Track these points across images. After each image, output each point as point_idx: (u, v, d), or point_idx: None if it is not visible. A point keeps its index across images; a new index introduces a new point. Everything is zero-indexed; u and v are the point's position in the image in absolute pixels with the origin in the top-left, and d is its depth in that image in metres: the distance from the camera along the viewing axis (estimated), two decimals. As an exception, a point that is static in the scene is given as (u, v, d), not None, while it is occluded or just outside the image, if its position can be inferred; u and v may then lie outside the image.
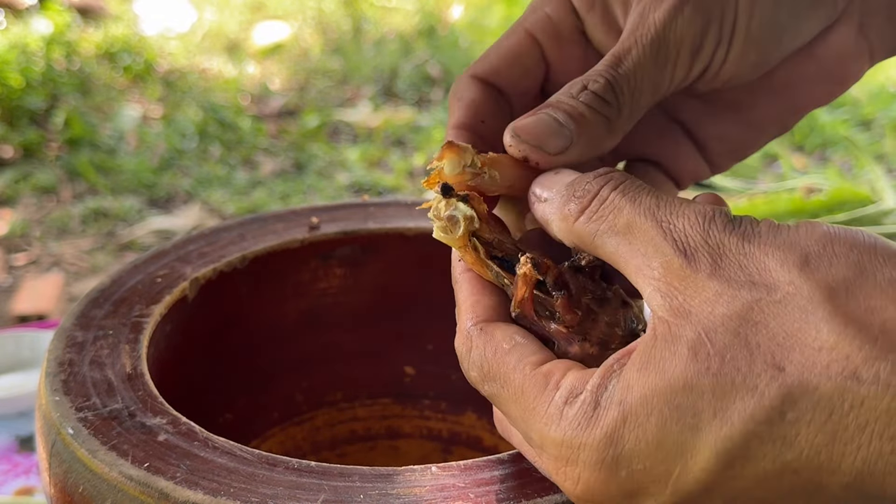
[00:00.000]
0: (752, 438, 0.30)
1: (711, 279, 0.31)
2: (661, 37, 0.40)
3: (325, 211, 0.63)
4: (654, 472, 0.31)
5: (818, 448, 0.29)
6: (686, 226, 0.33)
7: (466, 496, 0.38)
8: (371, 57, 3.31)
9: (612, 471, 0.32)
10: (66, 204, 2.38)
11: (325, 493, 0.38)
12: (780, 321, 0.30)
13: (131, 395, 0.44)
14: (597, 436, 0.32)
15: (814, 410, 0.29)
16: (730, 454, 0.30)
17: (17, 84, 2.82)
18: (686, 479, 0.31)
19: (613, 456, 0.32)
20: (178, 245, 0.58)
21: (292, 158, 2.65)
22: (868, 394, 0.28)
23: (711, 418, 0.30)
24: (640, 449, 0.31)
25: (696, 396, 0.30)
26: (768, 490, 0.30)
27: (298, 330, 0.63)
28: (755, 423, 0.30)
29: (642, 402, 0.31)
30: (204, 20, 3.64)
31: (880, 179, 1.06)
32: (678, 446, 0.31)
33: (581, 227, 0.35)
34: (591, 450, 0.32)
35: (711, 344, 0.30)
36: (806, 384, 0.29)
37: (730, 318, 0.30)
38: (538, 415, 0.33)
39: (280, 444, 0.64)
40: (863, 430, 0.29)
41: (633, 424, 0.31)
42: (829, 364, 0.29)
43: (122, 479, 0.39)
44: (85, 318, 0.51)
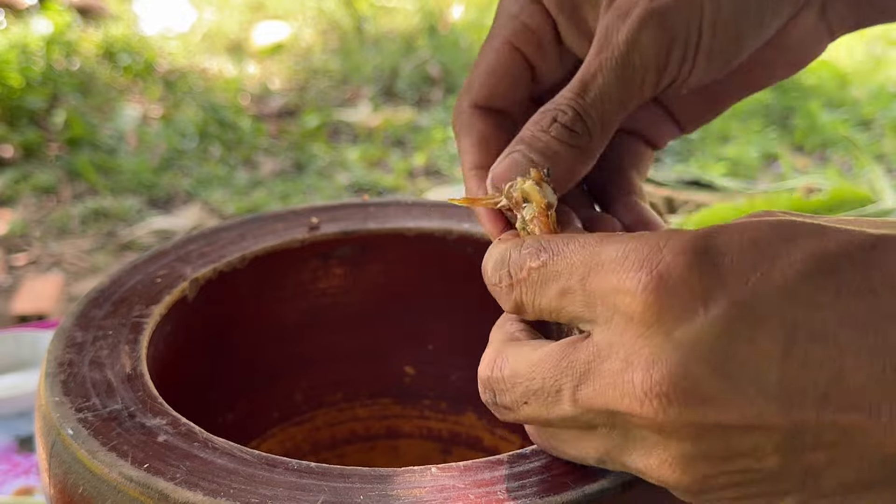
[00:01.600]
0: (843, 254, 0.30)
1: None
2: (626, 60, 0.41)
3: (325, 211, 0.63)
4: (741, 267, 0.30)
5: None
6: None
7: (466, 497, 0.37)
8: (371, 57, 3.31)
9: (699, 257, 0.31)
10: (66, 204, 2.38)
11: (325, 494, 0.38)
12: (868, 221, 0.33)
13: (131, 395, 0.44)
14: (685, 234, 0.31)
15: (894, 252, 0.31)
16: (819, 261, 0.30)
17: (17, 84, 2.82)
18: (770, 277, 0.30)
19: (705, 245, 0.31)
20: (178, 245, 0.58)
21: (292, 158, 2.65)
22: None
23: (808, 237, 0.31)
24: (735, 245, 0.31)
25: (797, 226, 0.31)
26: (843, 313, 0.30)
27: (298, 330, 0.63)
28: (851, 243, 0.30)
29: (738, 222, 0.32)
30: (204, 20, 3.64)
31: (880, 179, 1.06)
32: (772, 249, 0.31)
33: None
34: (679, 239, 0.31)
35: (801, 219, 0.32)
36: (886, 240, 0.31)
37: None
38: (612, 242, 0.33)
39: (280, 444, 0.64)
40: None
41: (729, 230, 0.31)
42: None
43: (121, 479, 0.39)
44: (85, 318, 0.51)
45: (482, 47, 0.45)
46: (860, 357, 0.29)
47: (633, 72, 0.41)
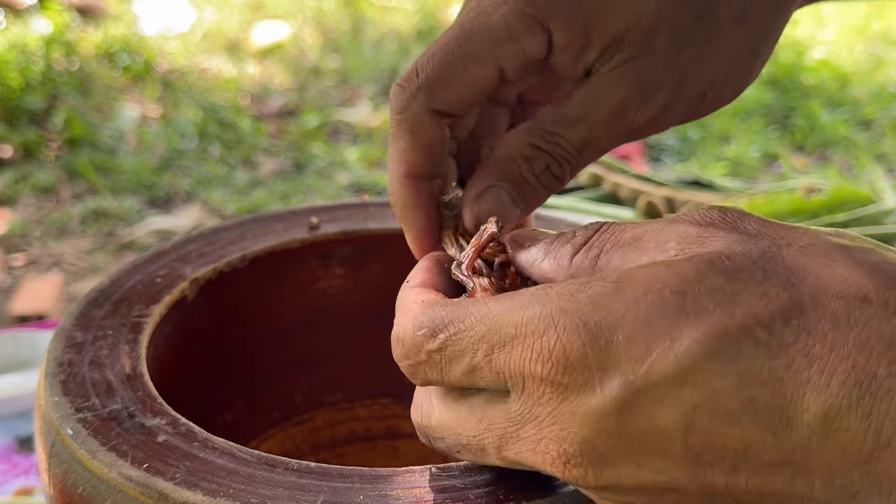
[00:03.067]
0: (747, 336, 0.29)
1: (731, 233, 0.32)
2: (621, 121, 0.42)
3: (325, 211, 0.63)
4: (633, 348, 0.30)
5: (812, 359, 0.28)
6: (701, 212, 0.33)
7: (466, 497, 0.37)
8: (371, 56, 3.31)
9: (593, 336, 0.30)
10: (66, 204, 2.38)
11: (325, 495, 0.38)
12: (798, 260, 0.30)
13: (131, 395, 0.44)
14: (582, 300, 0.30)
15: (818, 322, 0.29)
16: (719, 344, 0.29)
17: (16, 84, 2.82)
18: (664, 360, 0.29)
19: (598, 322, 0.30)
20: (178, 245, 0.58)
21: (292, 158, 2.65)
22: (874, 314, 0.29)
23: (713, 309, 0.29)
24: (629, 321, 0.30)
25: (703, 290, 0.30)
26: (743, 400, 0.29)
27: (298, 330, 0.63)
28: (756, 321, 0.29)
29: (646, 283, 0.30)
30: (203, 20, 3.64)
31: (880, 179, 1.06)
32: (667, 327, 0.29)
33: (581, 257, 0.34)
34: (573, 314, 0.30)
35: (729, 259, 0.30)
36: (816, 298, 0.29)
37: (750, 252, 0.31)
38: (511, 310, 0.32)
39: (280, 444, 0.64)
40: (862, 348, 0.28)
41: (629, 297, 0.30)
42: (840, 288, 0.29)
43: (121, 479, 0.39)
44: (84, 318, 0.51)
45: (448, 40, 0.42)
46: (764, 441, 0.29)
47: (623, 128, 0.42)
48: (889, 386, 0.28)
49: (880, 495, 0.29)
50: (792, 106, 2.90)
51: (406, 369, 0.36)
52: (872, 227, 0.95)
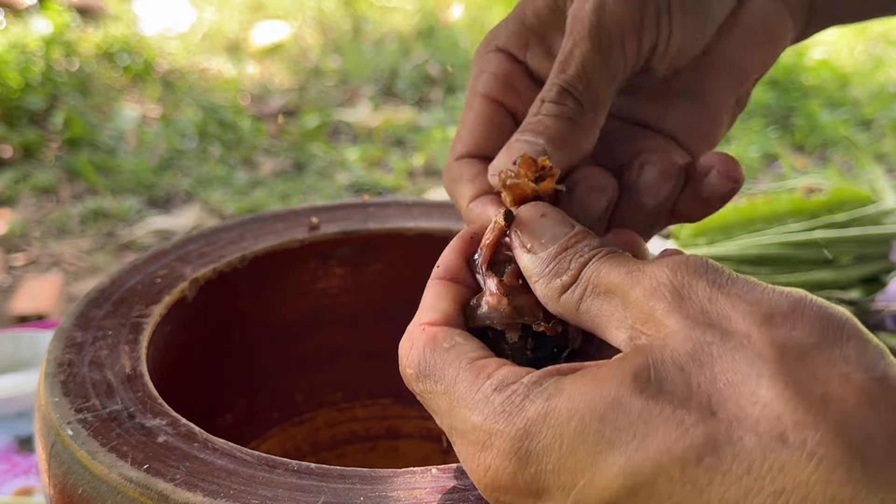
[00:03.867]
0: (661, 473, 0.29)
1: (671, 316, 0.31)
2: (599, 25, 0.41)
3: (325, 211, 0.63)
4: (561, 478, 0.31)
5: (725, 503, 0.28)
6: (656, 271, 0.33)
7: (467, 498, 0.37)
8: (371, 57, 3.31)
9: (522, 464, 0.31)
10: (66, 204, 2.38)
11: (325, 496, 0.38)
12: (725, 368, 0.29)
13: (131, 396, 0.44)
14: (515, 425, 0.31)
15: (733, 462, 0.28)
16: (635, 482, 0.29)
17: (16, 84, 2.81)
18: (588, 492, 0.30)
19: (527, 449, 0.31)
20: (178, 245, 0.58)
21: (292, 158, 2.65)
22: (790, 459, 0.27)
23: (629, 440, 0.29)
24: (554, 450, 0.31)
25: (622, 415, 0.30)
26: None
27: (298, 330, 0.63)
28: (670, 458, 0.29)
29: (568, 405, 0.31)
30: (203, 20, 3.64)
31: (880, 179, 1.06)
32: (590, 457, 0.30)
33: (567, 297, 0.35)
34: (505, 438, 0.32)
35: (655, 372, 0.30)
36: (731, 434, 0.28)
37: (679, 354, 0.30)
38: (466, 402, 0.33)
39: (280, 444, 0.64)
40: (778, 497, 0.27)
41: (553, 423, 0.31)
42: (759, 419, 0.28)
43: (121, 480, 0.39)
44: (84, 318, 0.50)
45: (463, 110, 0.46)
46: None
47: (609, 36, 0.41)
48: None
49: None
50: (792, 106, 2.90)
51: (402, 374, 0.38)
52: (872, 227, 0.95)
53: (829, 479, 0.27)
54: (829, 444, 0.27)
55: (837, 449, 0.27)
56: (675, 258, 0.33)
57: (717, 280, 0.32)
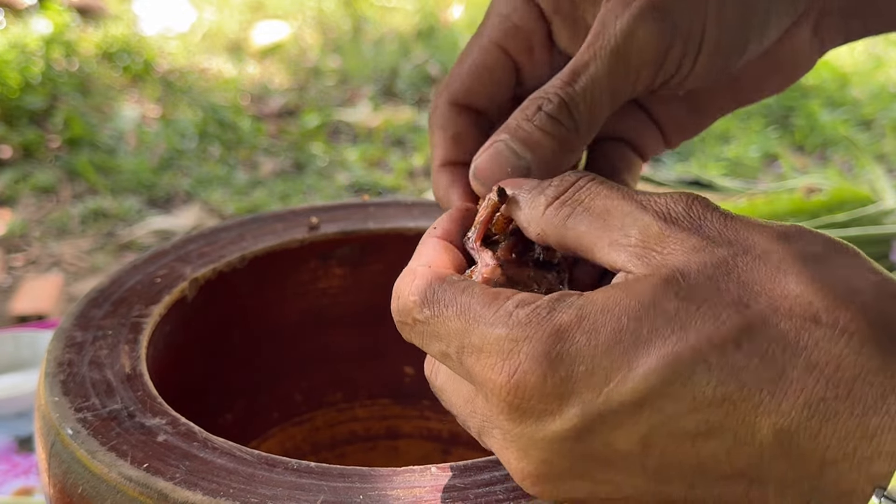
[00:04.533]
0: (700, 361, 0.30)
1: (692, 235, 0.32)
2: (621, 50, 0.40)
3: (325, 211, 0.63)
4: (593, 378, 0.30)
5: (763, 382, 0.29)
6: (668, 201, 0.33)
7: (466, 497, 0.37)
8: (371, 57, 3.31)
9: (554, 367, 0.31)
10: (66, 204, 2.38)
11: (325, 494, 0.38)
12: (753, 274, 0.31)
13: (130, 395, 0.44)
14: (546, 329, 0.31)
15: (769, 343, 0.29)
16: (674, 370, 0.30)
17: (16, 84, 2.81)
18: (622, 388, 0.30)
19: (559, 352, 0.31)
20: (178, 245, 0.58)
21: (292, 158, 2.65)
22: (823, 336, 0.29)
23: (668, 335, 0.30)
24: (588, 351, 0.31)
25: (658, 315, 0.30)
26: (699, 420, 0.30)
27: (298, 330, 0.63)
28: (710, 346, 0.30)
29: (603, 310, 0.31)
30: (203, 20, 3.64)
31: (880, 179, 1.06)
32: (626, 355, 0.30)
33: (552, 212, 0.35)
34: (536, 342, 0.31)
35: (684, 279, 0.31)
36: (766, 320, 0.30)
37: (705, 265, 0.31)
38: (485, 318, 0.33)
39: (279, 444, 0.64)
40: (811, 371, 0.29)
41: (588, 327, 0.31)
42: (792, 307, 0.30)
43: (121, 479, 0.39)
44: (84, 318, 0.51)
45: (468, 44, 0.44)
46: (718, 457, 0.30)
47: (627, 64, 0.40)
48: (835, 408, 0.29)
49: (830, 501, 0.30)
50: (792, 106, 2.90)
51: (397, 323, 0.37)
52: (872, 226, 0.95)
53: (860, 351, 0.29)
54: (857, 321, 0.29)
55: (865, 326, 0.29)
56: (683, 193, 0.34)
57: (727, 212, 0.33)
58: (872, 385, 0.28)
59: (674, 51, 0.40)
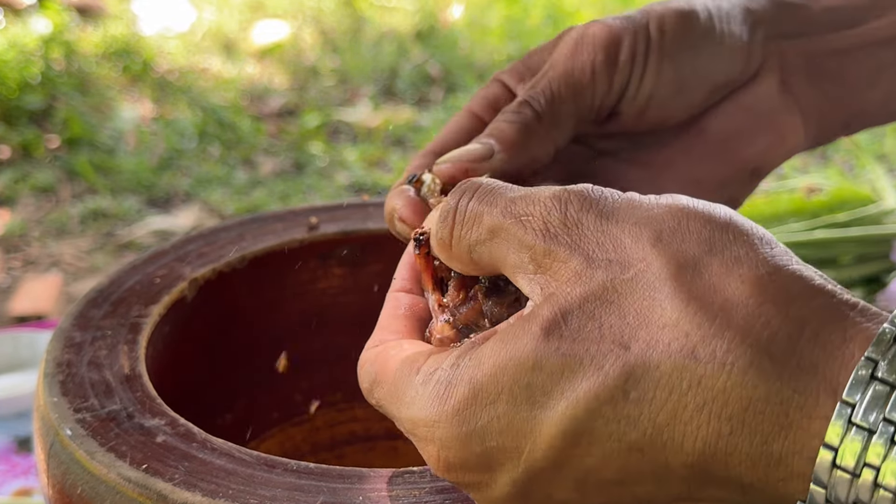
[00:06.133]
0: (597, 418, 0.30)
1: (571, 258, 0.32)
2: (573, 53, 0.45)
3: (325, 211, 0.63)
4: (506, 449, 0.32)
5: (660, 427, 0.29)
6: (543, 212, 0.33)
7: (466, 497, 0.37)
8: (371, 56, 3.31)
9: (467, 446, 0.32)
10: (65, 204, 2.38)
11: (324, 495, 0.37)
12: (631, 300, 0.30)
13: (129, 396, 0.44)
14: (448, 412, 0.33)
15: (655, 389, 0.29)
16: (575, 433, 0.31)
17: (15, 84, 2.81)
18: (535, 455, 0.31)
19: (466, 432, 0.32)
20: (177, 245, 0.58)
21: (292, 158, 2.65)
22: (705, 373, 0.29)
23: (559, 397, 0.31)
24: (492, 426, 0.32)
25: (546, 376, 0.31)
26: (616, 470, 0.31)
27: (298, 330, 0.63)
28: (599, 402, 0.30)
29: (492, 380, 0.32)
30: (203, 20, 3.64)
31: (881, 179, 1.06)
32: (527, 423, 0.31)
33: (457, 251, 0.36)
34: (444, 426, 0.33)
35: (566, 324, 0.31)
36: (648, 362, 0.30)
37: (586, 300, 0.31)
38: (405, 401, 0.34)
39: (279, 444, 0.64)
40: (701, 410, 0.29)
41: (484, 402, 0.32)
42: (670, 342, 0.29)
43: (120, 480, 0.39)
44: (83, 318, 0.50)
45: None
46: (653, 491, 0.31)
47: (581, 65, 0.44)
48: (734, 442, 0.29)
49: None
50: (792, 106, 2.90)
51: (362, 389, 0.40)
52: (873, 226, 0.95)
53: (744, 382, 0.28)
54: (735, 349, 0.29)
55: (745, 352, 0.29)
56: (558, 194, 0.33)
57: (604, 208, 0.32)
58: (764, 414, 0.28)
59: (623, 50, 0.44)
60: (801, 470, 0.28)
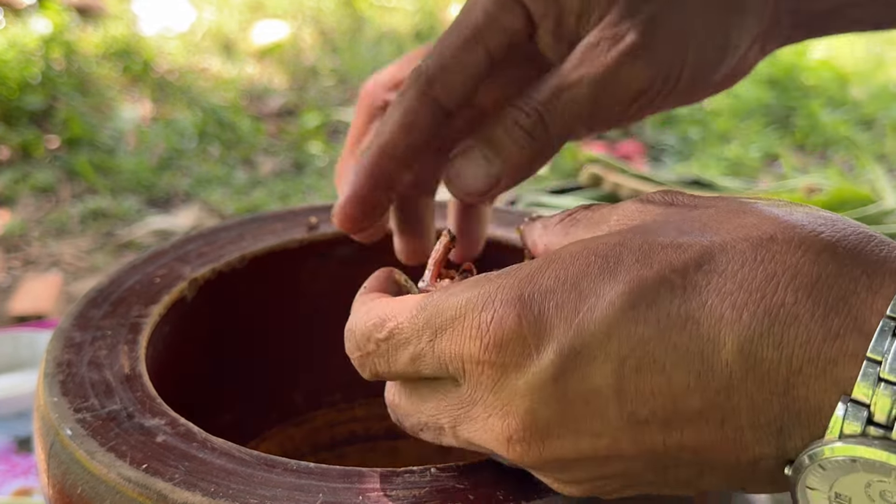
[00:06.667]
0: (663, 283, 0.31)
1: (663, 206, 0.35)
2: (606, 82, 0.42)
3: (325, 211, 0.63)
4: (563, 311, 0.31)
5: (724, 296, 0.30)
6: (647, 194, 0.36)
7: (466, 498, 0.37)
8: (370, 56, 3.31)
9: (526, 307, 0.32)
10: (65, 204, 2.38)
11: (324, 495, 0.37)
12: (714, 217, 0.32)
13: (130, 395, 0.44)
14: (517, 276, 0.33)
15: (728, 262, 0.30)
16: (638, 293, 0.31)
17: (15, 84, 2.81)
18: (591, 317, 0.31)
19: (530, 292, 0.32)
20: (177, 245, 0.58)
21: (291, 158, 2.65)
22: (780, 249, 0.30)
23: (632, 264, 0.31)
24: (557, 287, 0.32)
25: (625, 249, 0.32)
26: (666, 347, 0.30)
27: (298, 330, 0.63)
28: (671, 270, 0.31)
29: (572, 253, 0.33)
30: (203, 20, 3.64)
31: (881, 179, 1.06)
32: (593, 285, 0.31)
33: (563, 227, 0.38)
34: (508, 288, 0.32)
35: (651, 224, 0.33)
36: (725, 244, 0.31)
37: (670, 214, 0.33)
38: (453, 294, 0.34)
39: (279, 444, 0.64)
40: (770, 280, 0.30)
41: (557, 266, 0.32)
42: (748, 233, 0.31)
43: (120, 480, 0.39)
44: (83, 318, 0.50)
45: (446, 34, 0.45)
46: (689, 385, 0.30)
47: (609, 96, 0.42)
48: (796, 312, 0.29)
49: (801, 426, 0.30)
50: (792, 106, 2.90)
51: (356, 361, 0.37)
52: (873, 226, 0.95)
53: (816, 259, 0.30)
54: (813, 238, 0.30)
55: (820, 240, 0.30)
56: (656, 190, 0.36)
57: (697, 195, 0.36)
58: (832, 288, 0.29)
59: (652, 90, 0.43)
60: (855, 349, 0.29)
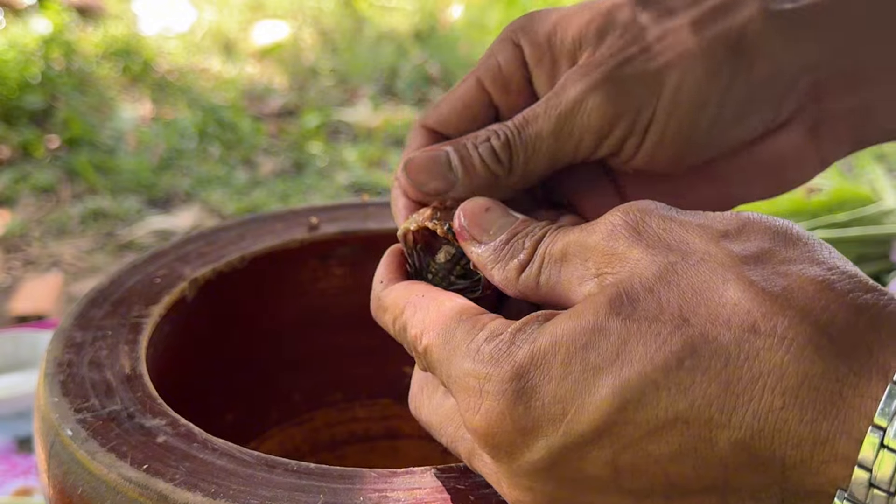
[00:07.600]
0: (648, 384, 0.30)
1: (633, 246, 0.33)
2: (567, 116, 0.42)
3: (325, 211, 0.63)
4: (551, 411, 0.32)
5: (711, 398, 0.30)
6: (608, 217, 0.35)
7: (466, 498, 0.37)
8: (370, 56, 3.31)
9: (513, 404, 0.32)
10: (65, 204, 2.38)
11: (325, 496, 0.37)
12: (692, 281, 0.31)
13: (130, 396, 0.44)
14: (505, 369, 0.33)
15: (710, 359, 0.30)
16: (624, 397, 0.31)
17: (15, 84, 2.81)
18: (580, 419, 0.31)
19: (516, 389, 0.32)
20: (177, 245, 0.58)
21: (292, 158, 2.65)
22: (764, 345, 0.29)
23: (613, 360, 0.31)
24: (542, 385, 0.32)
25: (603, 338, 0.31)
26: (658, 442, 0.30)
27: (298, 330, 0.63)
28: (653, 368, 0.30)
29: (552, 343, 0.32)
30: (203, 20, 3.64)
31: (881, 179, 1.06)
32: (577, 386, 0.31)
33: (525, 279, 0.37)
34: (497, 381, 0.33)
35: (627, 298, 0.32)
36: (706, 334, 0.30)
37: (647, 278, 0.32)
38: (460, 352, 0.34)
39: (279, 444, 0.64)
40: (755, 382, 0.29)
41: (541, 362, 0.32)
42: (730, 317, 0.30)
43: (120, 480, 0.39)
44: (84, 318, 0.50)
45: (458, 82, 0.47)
46: (687, 474, 0.31)
47: (570, 131, 0.42)
48: (784, 417, 0.29)
49: (804, 499, 0.30)
50: (791, 106, 2.89)
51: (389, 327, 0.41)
52: (873, 226, 0.95)
53: (801, 357, 0.29)
54: (796, 326, 0.29)
55: (805, 330, 0.29)
56: (622, 205, 0.35)
57: (668, 213, 0.34)
58: (819, 391, 0.29)
59: (618, 128, 0.42)
60: (846, 452, 0.28)
